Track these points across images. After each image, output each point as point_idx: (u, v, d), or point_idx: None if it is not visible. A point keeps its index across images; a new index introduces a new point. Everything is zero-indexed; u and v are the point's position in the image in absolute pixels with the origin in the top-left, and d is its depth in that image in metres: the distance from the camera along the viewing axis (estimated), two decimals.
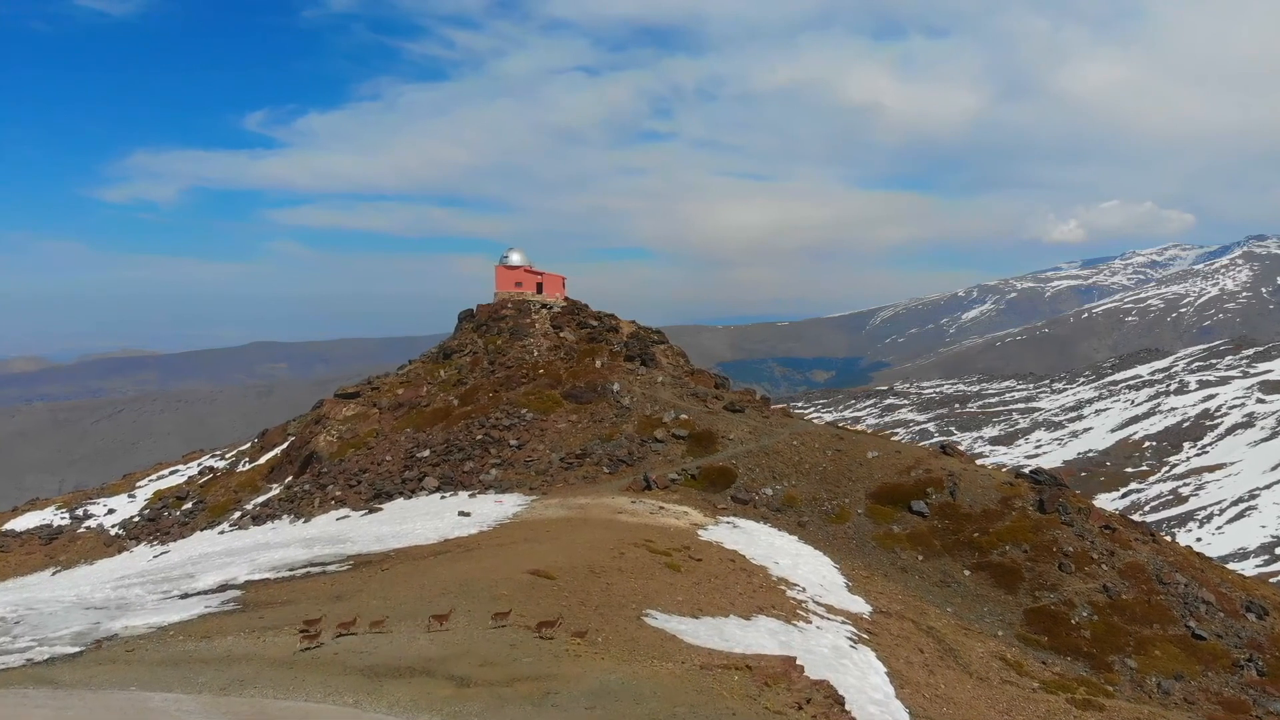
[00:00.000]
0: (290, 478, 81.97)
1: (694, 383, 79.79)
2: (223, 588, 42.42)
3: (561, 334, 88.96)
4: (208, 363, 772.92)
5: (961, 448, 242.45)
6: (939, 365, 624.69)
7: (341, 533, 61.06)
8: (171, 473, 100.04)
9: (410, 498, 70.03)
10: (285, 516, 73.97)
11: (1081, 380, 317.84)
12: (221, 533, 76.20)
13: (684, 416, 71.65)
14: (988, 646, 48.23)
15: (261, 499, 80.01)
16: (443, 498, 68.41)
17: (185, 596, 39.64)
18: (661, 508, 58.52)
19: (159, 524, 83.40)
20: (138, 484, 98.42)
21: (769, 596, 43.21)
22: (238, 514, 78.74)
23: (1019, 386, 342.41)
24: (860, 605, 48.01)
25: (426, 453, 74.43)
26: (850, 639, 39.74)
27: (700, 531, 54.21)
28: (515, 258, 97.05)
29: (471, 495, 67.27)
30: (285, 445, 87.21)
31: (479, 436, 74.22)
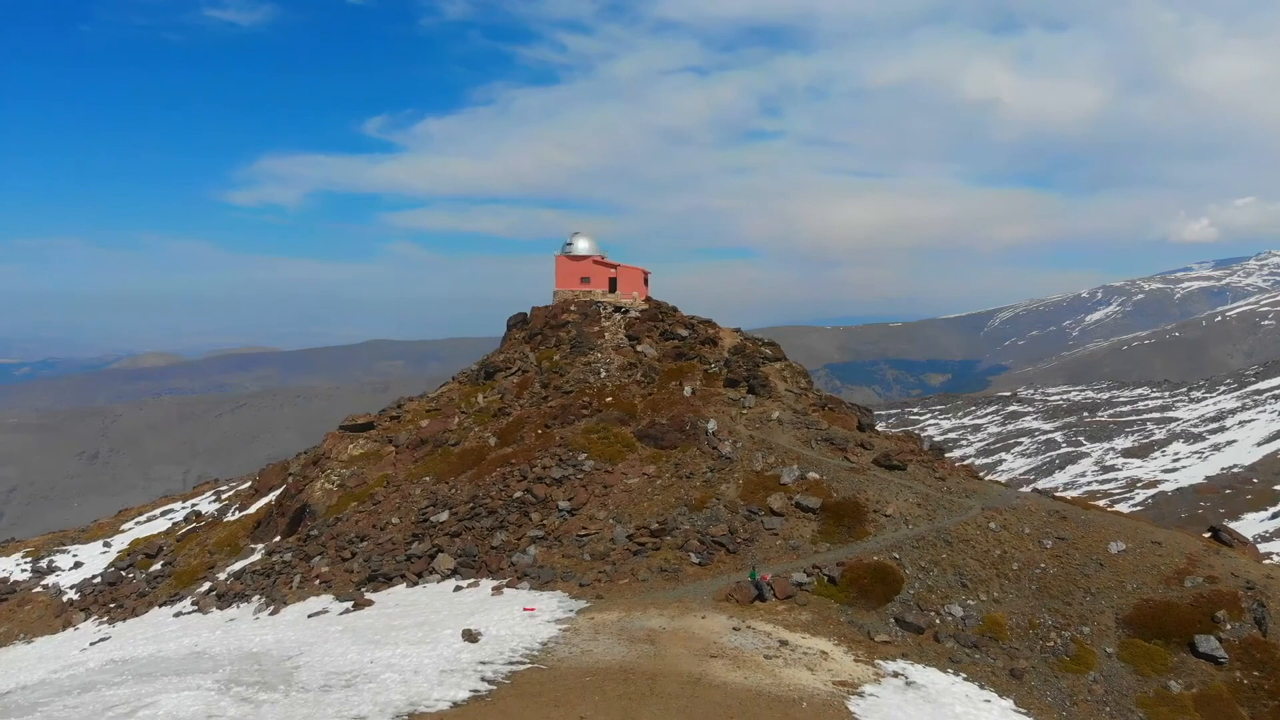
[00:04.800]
0: (277, 537, 61.97)
1: (825, 421, 55.82)
2: None
3: (639, 347, 66.39)
4: (326, 360, 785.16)
5: (1092, 458, 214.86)
6: (1061, 369, 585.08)
7: (295, 650, 40.60)
8: (164, 513, 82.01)
9: (414, 585, 48.85)
10: (255, 598, 53.98)
11: (1222, 388, 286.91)
12: (177, 614, 56.95)
13: (813, 475, 48.25)
14: None
15: (237, 566, 60.16)
16: (456, 589, 46.94)
17: None
18: (783, 644, 35.59)
19: (117, 590, 64.73)
20: (123, 526, 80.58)
21: None
22: (205, 586, 59.09)
23: (1153, 394, 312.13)
24: None
25: (444, 515, 53.10)
26: None
27: (853, 703, 31.25)
28: (582, 245, 74.77)
29: (496, 586, 45.61)
30: (281, 490, 67.18)
31: (517, 494, 52.55)
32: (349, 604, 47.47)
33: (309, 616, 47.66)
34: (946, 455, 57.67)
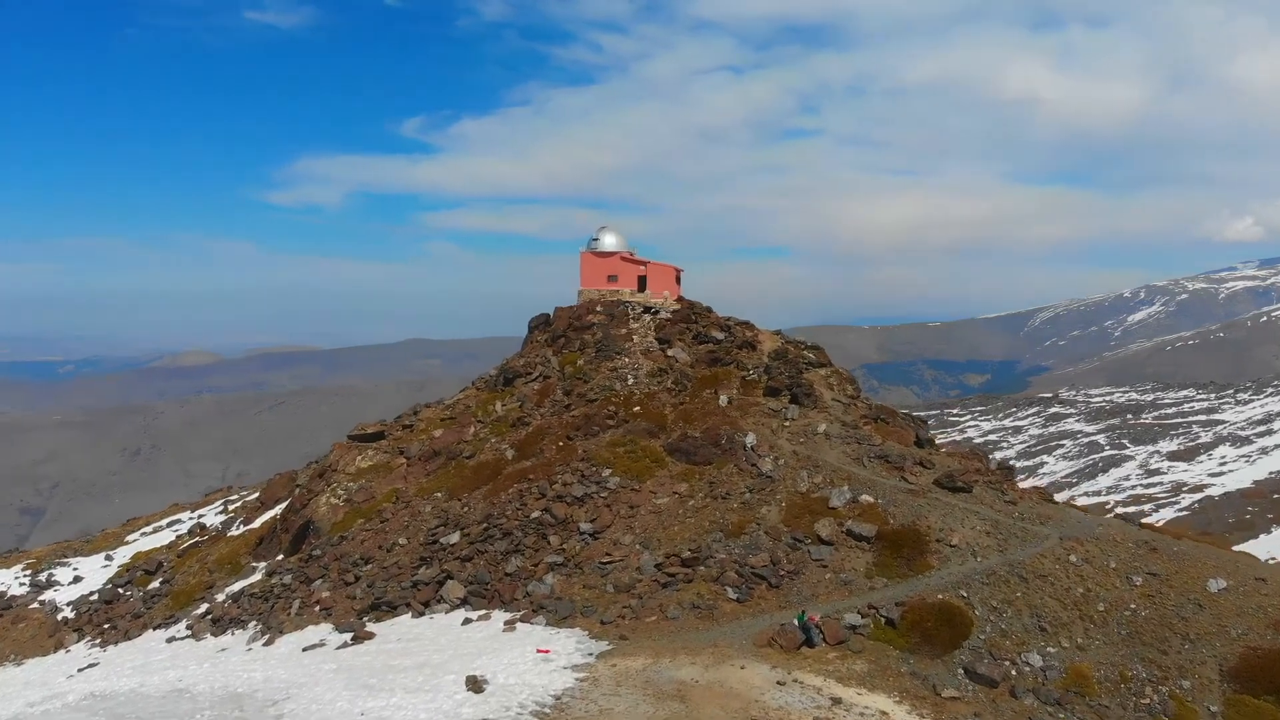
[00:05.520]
0: (280, 555, 57.67)
1: (878, 435, 50.40)
2: None
3: (670, 351, 61.35)
4: (364, 358, 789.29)
5: (1136, 461, 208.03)
6: (1103, 370, 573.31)
7: (282, 693, 36.41)
8: (170, 524, 78.20)
9: (419, 615, 44.28)
10: (252, 623, 49.75)
11: (1270, 390, 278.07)
12: (170, 640, 52.77)
13: (866, 498, 43.01)
14: None
15: (236, 586, 55.97)
16: (465, 621, 42.30)
17: None
18: (835, 703, 30.46)
19: (112, 609, 60.89)
20: (128, 537, 76.99)
21: None
22: (203, 608, 55.00)
23: (1198, 396, 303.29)
24: None
25: (455, 537, 48.44)
26: None
27: None
28: (609, 240, 69.69)
29: (509, 621, 40.88)
30: (286, 504, 62.95)
31: (535, 513, 47.79)
32: (348, 635, 43.01)
33: (304, 650, 43.28)
34: (1015, 474, 51.85)
